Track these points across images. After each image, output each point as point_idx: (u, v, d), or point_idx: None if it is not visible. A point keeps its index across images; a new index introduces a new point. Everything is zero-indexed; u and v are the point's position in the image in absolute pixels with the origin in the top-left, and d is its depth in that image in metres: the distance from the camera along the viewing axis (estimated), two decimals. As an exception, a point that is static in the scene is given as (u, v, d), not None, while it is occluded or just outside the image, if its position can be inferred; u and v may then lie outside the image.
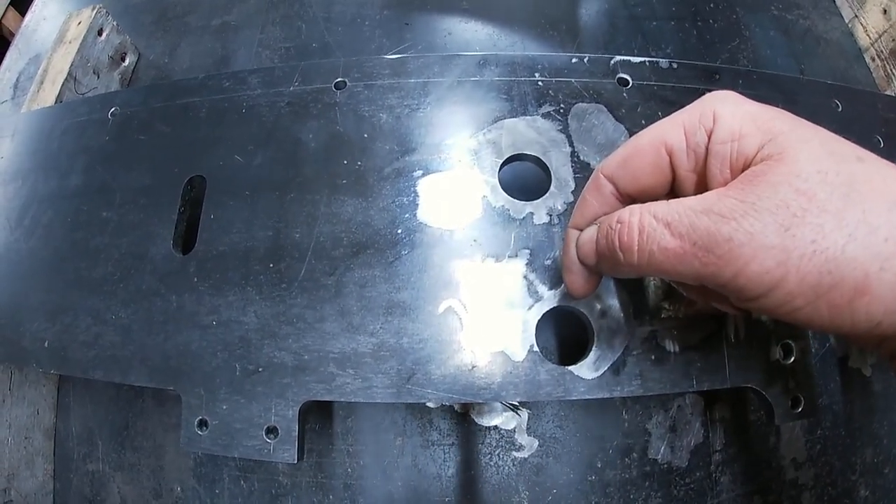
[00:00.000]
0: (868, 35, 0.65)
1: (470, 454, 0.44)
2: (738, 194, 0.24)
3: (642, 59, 0.41)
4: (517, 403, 0.43)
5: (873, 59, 0.64)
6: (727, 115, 0.26)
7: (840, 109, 0.45)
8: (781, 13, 0.65)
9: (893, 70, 0.62)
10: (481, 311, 0.35)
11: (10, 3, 1.18)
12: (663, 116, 0.39)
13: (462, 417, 0.44)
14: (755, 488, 0.46)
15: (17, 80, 0.74)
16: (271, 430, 0.35)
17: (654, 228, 0.25)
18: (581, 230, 0.30)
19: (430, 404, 0.43)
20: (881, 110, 0.47)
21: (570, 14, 0.56)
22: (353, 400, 0.35)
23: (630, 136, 0.39)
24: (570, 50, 0.54)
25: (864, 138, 0.44)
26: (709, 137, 0.26)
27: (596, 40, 0.55)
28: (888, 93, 0.61)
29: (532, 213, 0.37)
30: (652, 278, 0.36)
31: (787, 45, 0.62)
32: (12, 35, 1.16)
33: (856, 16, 0.67)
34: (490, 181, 0.37)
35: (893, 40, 0.62)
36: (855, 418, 0.50)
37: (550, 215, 0.37)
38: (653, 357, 0.35)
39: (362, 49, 0.54)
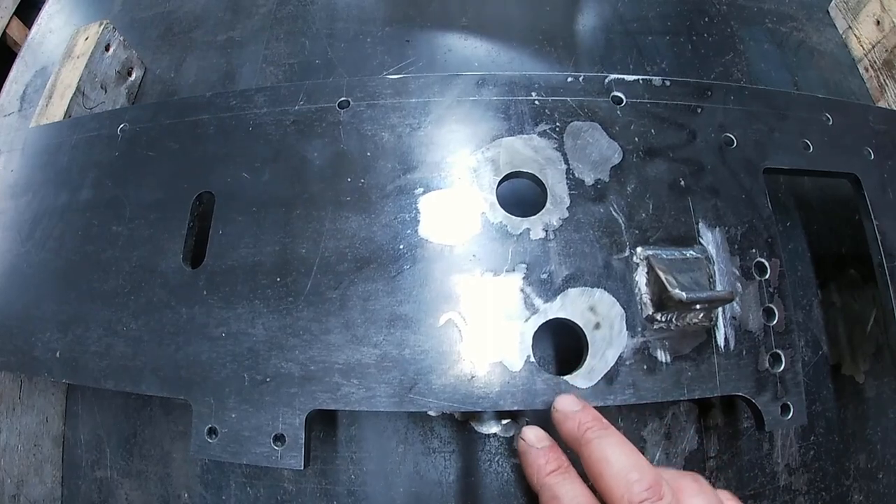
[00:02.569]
0: (862, 46, 0.66)
1: (470, 461, 0.45)
2: None
3: (636, 77, 0.42)
4: (515, 412, 0.45)
5: (867, 70, 0.65)
6: None
7: (831, 123, 0.46)
8: (776, 26, 0.66)
9: (887, 80, 0.63)
10: (480, 323, 0.37)
11: (15, 13, 1.19)
12: (656, 133, 0.41)
13: (462, 425, 0.45)
14: (749, 494, 0.47)
15: (24, 92, 0.75)
16: (279, 438, 0.36)
17: None
18: None
19: (431, 413, 0.45)
20: (872, 122, 0.48)
21: (567, 30, 0.58)
22: (357, 409, 0.37)
23: (624, 154, 0.40)
24: (567, 65, 0.55)
25: (855, 151, 0.45)
26: None
27: (592, 56, 0.57)
28: (882, 103, 0.62)
29: (529, 229, 0.38)
30: (644, 292, 0.37)
31: (781, 58, 0.63)
32: (17, 45, 1.17)
33: (849, 27, 0.68)
34: (488, 198, 0.39)
35: (887, 51, 0.63)
36: (848, 424, 0.51)
37: (546, 231, 0.38)
38: (645, 367, 0.36)
39: (364, 65, 0.55)
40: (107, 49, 0.61)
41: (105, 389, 0.46)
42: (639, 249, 0.38)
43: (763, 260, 0.40)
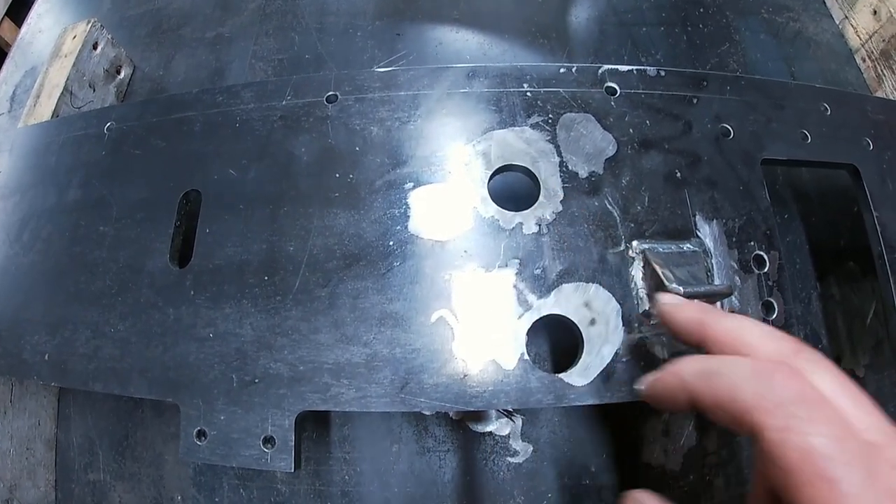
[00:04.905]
0: (858, 36, 0.66)
1: (465, 460, 0.44)
2: None
3: (630, 67, 0.42)
4: (511, 410, 0.44)
5: (864, 60, 0.65)
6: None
7: (829, 113, 0.45)
8: (772, 16, 0.65)
9: (884, 70, 0.62)
10: (472, 320, 0.36)
11: (6, 14, 1.18)
12: (651, 125, 0.40)
13: (457, 424, 0.44)
14: (749, 490, 0.47)
15: (14, 92, 0.74)
16: (268, 440, 0.36)
17: None
18: None
19: (425, 412, 0.44)
20: (870, 112, 0.47)
21: (560, 22, 0.57)
22: (348, 409, 0.36)
23: (618, 146, 0.40)
24: (561, 57, 0.55)
25: (853, 141, 0.45)
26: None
27: (586, 48, 0.56)
28: (879, 93, 0.62)
29: (521, 224, 0.37)
30: (641, 287, 0.37)
31: (777, 48, 0.63)
32: (8, 46, 1.16)
33: (846, 17, 0.67)
34: (480, 192, 0.38)
35: (884, 41, 0.62)
36: (849, 418, 0.51)
37: (539, 225, 0.37)
38: (642, 363, 0.35)
39: (355, 60, 0.55)
40: (94, 47, 0.60)
41: (95, 392, 0.45)
42: (634, 243, 0.38)
43: (762, 253, 0.39)
